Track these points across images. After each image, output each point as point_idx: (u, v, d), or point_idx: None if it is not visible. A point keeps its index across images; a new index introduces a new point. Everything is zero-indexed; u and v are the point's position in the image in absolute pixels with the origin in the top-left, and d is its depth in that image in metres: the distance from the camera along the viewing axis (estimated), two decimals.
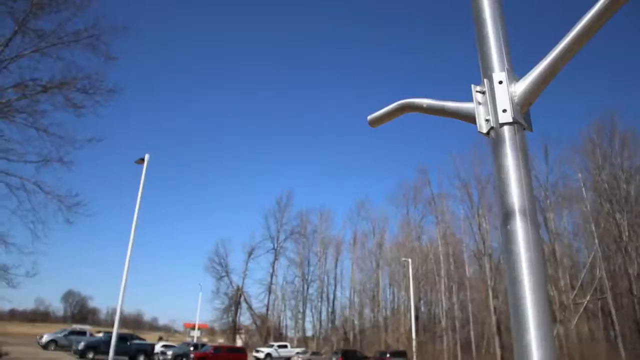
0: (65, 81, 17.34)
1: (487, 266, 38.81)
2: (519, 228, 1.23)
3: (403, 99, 1.80)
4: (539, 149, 37.21)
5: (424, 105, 1.66)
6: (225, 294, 62.43)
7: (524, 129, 1.37)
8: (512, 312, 1.18)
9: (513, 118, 1.32)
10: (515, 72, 1.45)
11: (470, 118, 1.45)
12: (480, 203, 40.46)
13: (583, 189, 33.85)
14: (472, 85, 1.46)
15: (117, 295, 17.68)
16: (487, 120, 1.38)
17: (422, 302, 50.87)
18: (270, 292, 62.59)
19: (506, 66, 1.43)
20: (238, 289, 61.88)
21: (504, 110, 1.34)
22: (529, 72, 1.36)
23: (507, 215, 1.26)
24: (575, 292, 33.53)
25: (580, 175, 34.71)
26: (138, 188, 19.48)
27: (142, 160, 19.80)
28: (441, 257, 44.90)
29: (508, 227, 1.25)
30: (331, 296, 62.56)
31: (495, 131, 1.36)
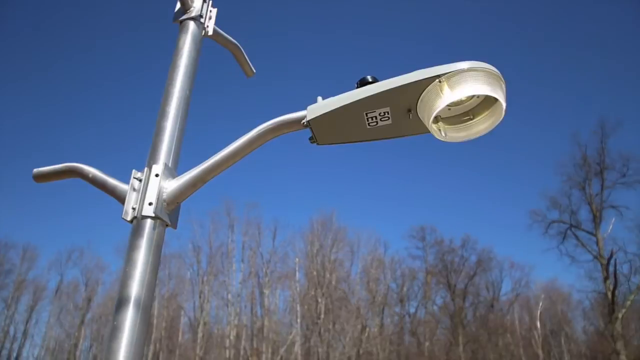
0: None
1: (201, 335, 38.61)
2: (126, 326, 1.21)
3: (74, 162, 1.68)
4: (269, 229, 40.55)
5: (90, 175, 1.57)
6: None
7: (167, 225, 1.41)
8: None
9: (155, 213, 1.35)
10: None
11: (121, 200, 1.42)
12: (208, 270, 40.89)
13: (297, 272, 38.20)
14: (134, 171, 1.45)
15: None
16: (134, 209, 1.38)
17: None
18: None
19: (169, 162, 1.48)
20: None
21: (150, 204, 1.36)
22: (183, 174, 1.43)
23: (119, 310, 1.23)
24: None
25: (297, 259, 39.06)
26: None
27: None
28: (156, 320, 42.70)
29: (115, 322, 1.21)
30: (14, 354, 51.46)
31: (137, 221, 1.36)
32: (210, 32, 1.94)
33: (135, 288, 1.25)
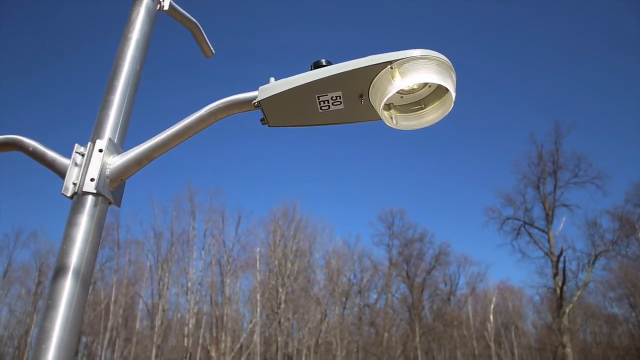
0: None
1: (159, 322, 38.02)
2: (61, 306, 1.16)
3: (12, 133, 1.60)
4: (233, 217, 40.19)
5: (30, 148, 1.50)
6: None
7: (110, 203, 1.36)
8: None
9: (97, 189, 1.30)
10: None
11: (62, 175, 1.37)
12: (168, 257, 40.20)
13: (258, 262, 38.04)
14: (76, 145, 1.40)
15: None
16: (75, 184, 1.33)
17: (79, 355, 45.34)
18: None
19: (115, 138, 1.43)
20: None
21: (92, 179, 1.31)
22: (128, 151, 1.39)
23: (53, 288, 1.18)
24: (233, 354, 35.94)
25: (259, 248, 38.90)
26: None
27: None
28: (112, 307, 41.74)
29: (49, 301, 1.17)
30: None
31: (78, 198, 1.31)
32: (166, 7, 1.88)
33: (72, 266, 1.21)
